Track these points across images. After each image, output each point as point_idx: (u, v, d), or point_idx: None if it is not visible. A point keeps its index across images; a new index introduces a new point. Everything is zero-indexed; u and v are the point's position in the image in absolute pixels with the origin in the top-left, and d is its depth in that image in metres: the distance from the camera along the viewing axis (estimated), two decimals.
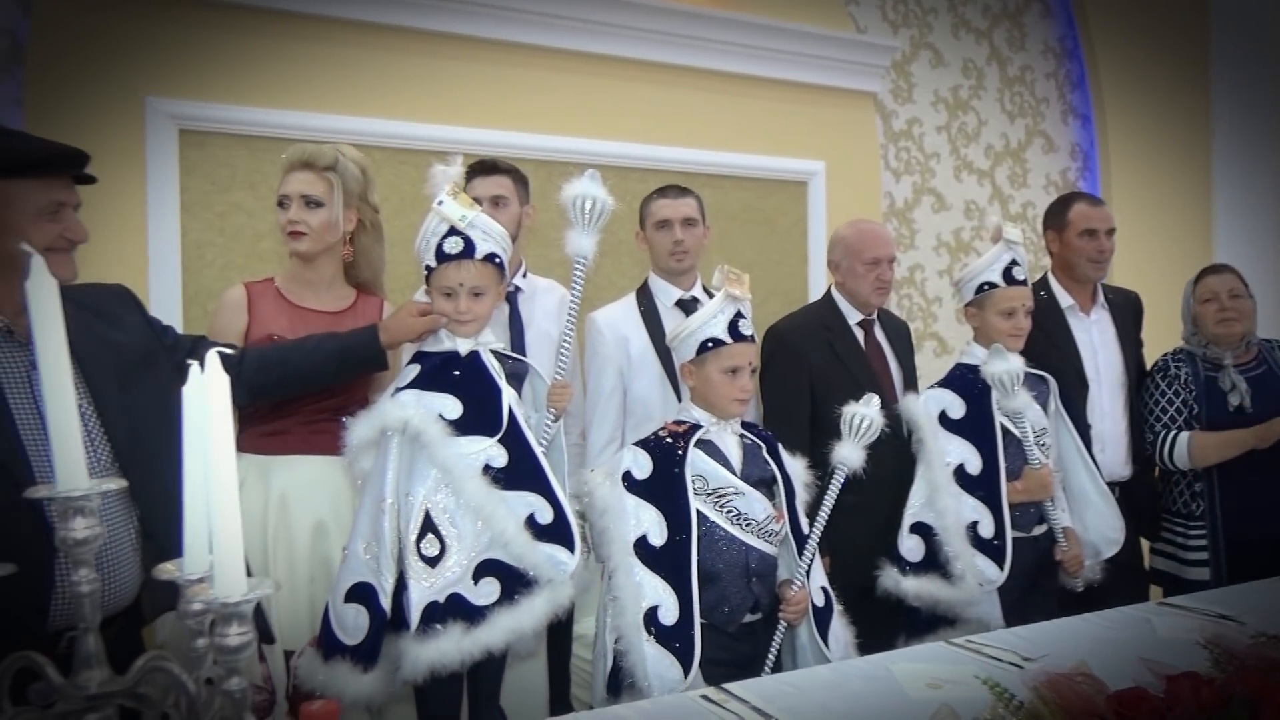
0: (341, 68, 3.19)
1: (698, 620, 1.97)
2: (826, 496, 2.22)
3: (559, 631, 2.42)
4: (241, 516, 2.10)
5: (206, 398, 0.78)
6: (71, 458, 0.75)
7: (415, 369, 2.07)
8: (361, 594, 1.92)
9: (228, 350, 0.84)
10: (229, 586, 0.76)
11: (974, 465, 2.54)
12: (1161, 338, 3.28)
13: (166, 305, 2.91)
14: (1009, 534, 2.46)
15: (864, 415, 2.22)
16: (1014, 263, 2.62)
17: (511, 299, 2.61)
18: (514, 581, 1.95)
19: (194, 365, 0.85)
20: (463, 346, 2.09)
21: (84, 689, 0.74)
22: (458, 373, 2.07)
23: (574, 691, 2.72)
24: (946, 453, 2.54)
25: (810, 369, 2.69)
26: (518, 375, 2.18)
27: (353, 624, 1.91)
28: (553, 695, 2.55)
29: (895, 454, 2.54)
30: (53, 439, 0.77)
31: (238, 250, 3.06)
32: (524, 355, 2.47)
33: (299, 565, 2.23)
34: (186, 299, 2.99)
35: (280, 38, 3.09)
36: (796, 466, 2.24)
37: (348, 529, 2.22)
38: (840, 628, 2.19)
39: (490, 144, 3.23)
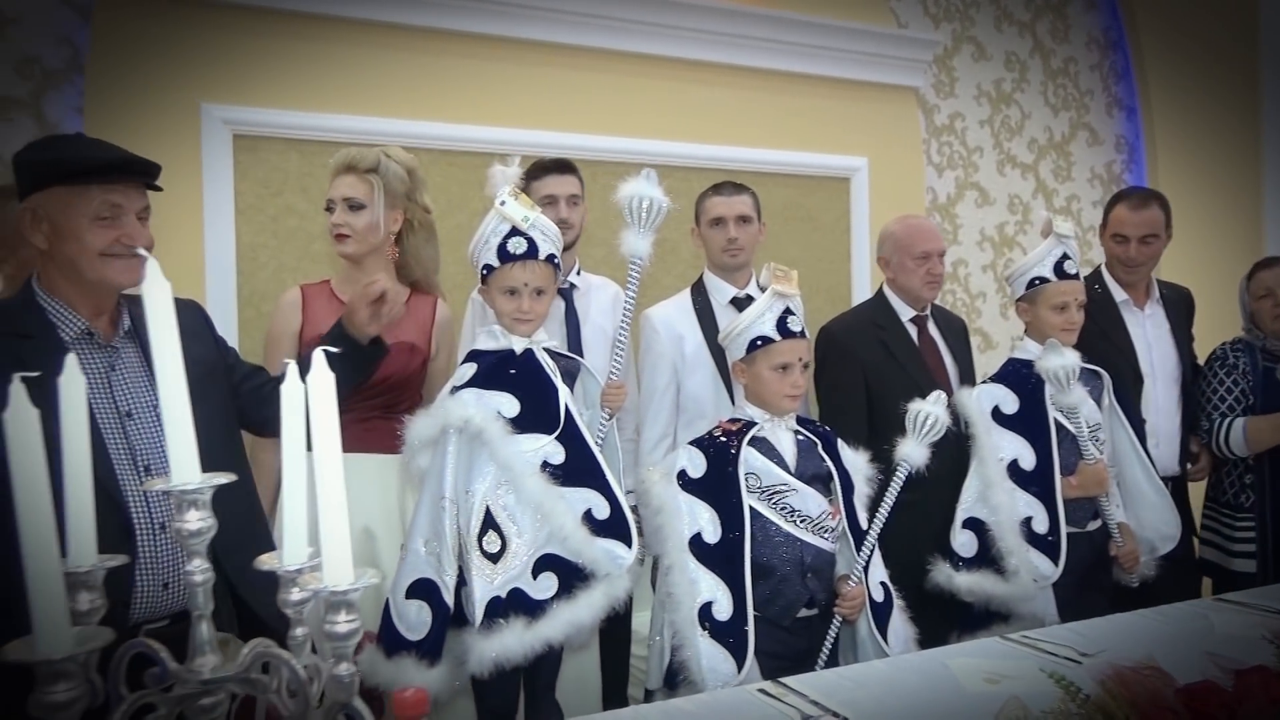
0: (389, 71, 3.24)
1: (751, 616, 1.99)
2: (888, 493, 2.22)
3: (615, 626, 2.43)
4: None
5: (314, 393, 0.81)
6: (185, 453, 0.78)
7: (471, 368, 2.10)
8: (423, 590, 1.94)
9: (334, 349, 0.87)
10: (338, 575, 0.79)
11: (1028, 460, 2.52)
12: (1210, 331, 3.25)
13: (222, 307, 2.97)
14: (1064, 529, 2.45)
15: (929, 413, 2.21)
16: (1065, 256, 2.60)
17: (567, 296, 2.63)
18: (571, 576, 1.98)
19: (291, 363, 0.88)
20: (518, 345, 2.11)
21: (198, 673, 0.78)
22: (514, 371, 2.09)
23: (630, 691, 2.74)
24: (1000, 448, 2.53)
25: (864, 367, 2.69)
26: (570, 373, 2.20)
27: (415, 619, 1.94)
28: (606, 689, 2.57)
29: (949, 450, 2.53)
30: (167, 435, 0.80)
31: (290, 252, 3.12)
32: (580, 351, 2.50)
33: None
34: (242, 300, 3.05)
35: (329, 42, 3.14)
36: (858, 462, 2.24)
37: (395, 530, 2.25)
38: (901, 623, 2.19)
39: (535, 144, 3.26)
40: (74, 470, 0.78)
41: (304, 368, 2.25)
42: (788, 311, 2.15)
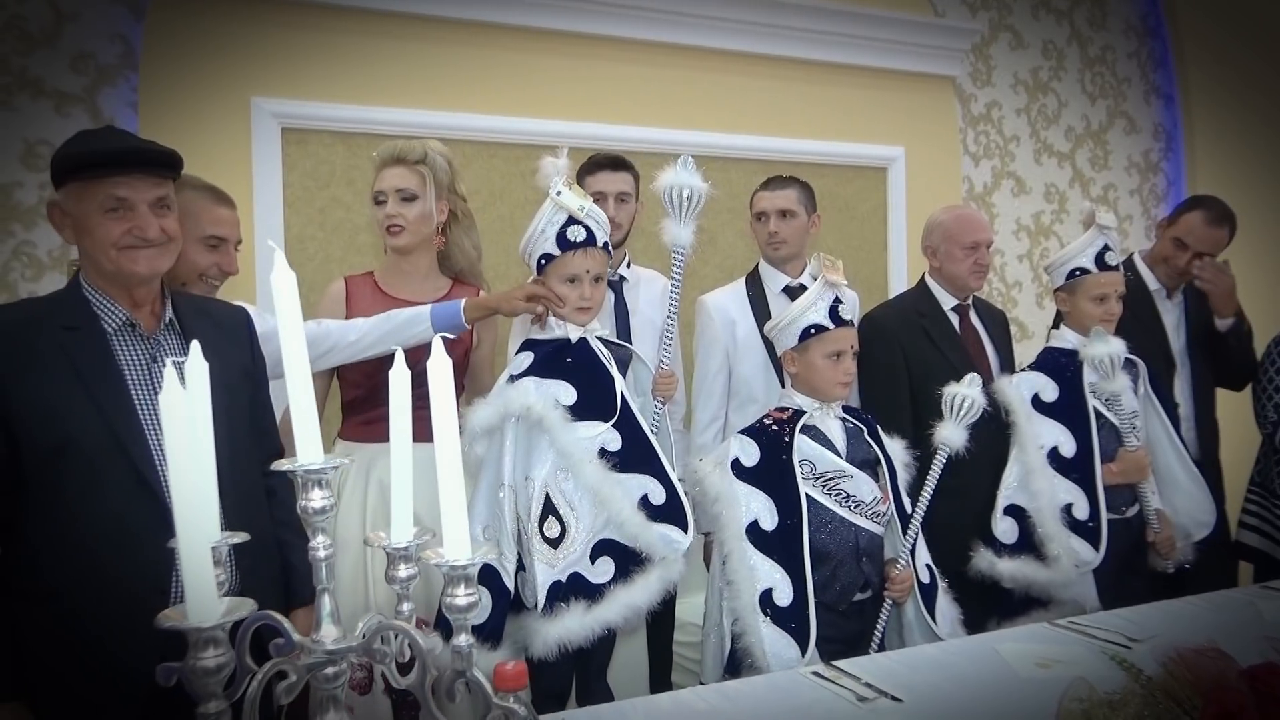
0: (434, 65, 3.28)
1: (812, 601, 2.02)
2: (929, 477, 2.25)
3: (659, 614, 2.47)
4: (346, 506, 2.18)
5: (433, 378, 0.85)
6: (310, 434, 0.83)
7: (528, 356, 2.13)
8: (482, 575, 1.98)
9: (450, 335, 0.91)
10: (457, 550, 0.83)
11: (1068, 448, 2.55)
12: (1252, 320, 3.23)
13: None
14: (1104, 515, 2.47)
15: (965, 396, 2.24)
16: (1107, 248, 2.62)
17: (617, 288, 2.67)
18: (628, 560, 2.02)
19: (399, 350, 0.93)
20: (573, 334, 2.15)
21: (322, 644, 0.82)
22: (570, 360, 2.13)
23: (674, 678, 2.78)
24: (1040, 435, 2.55)
25: (906, 355, 2.71)
26: (622, 361, 2.24)
27: None
28: (653, 674, 2.61)
29: (988, 437, 2.55)
30: (294, 417, 0.84)
31: (337, 243, 3.17)
32: (629, 342, 2.53)
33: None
34: None
35: (375, 37, 3.19)
36: (896, 448, 2.27)
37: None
38: (946, 604, 2.22)
39: (575, 135, 3.30)
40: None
41: None
42: (838, 300, 2.18)
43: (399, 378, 0.90)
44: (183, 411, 0.72)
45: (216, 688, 0.73)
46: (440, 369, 0.86)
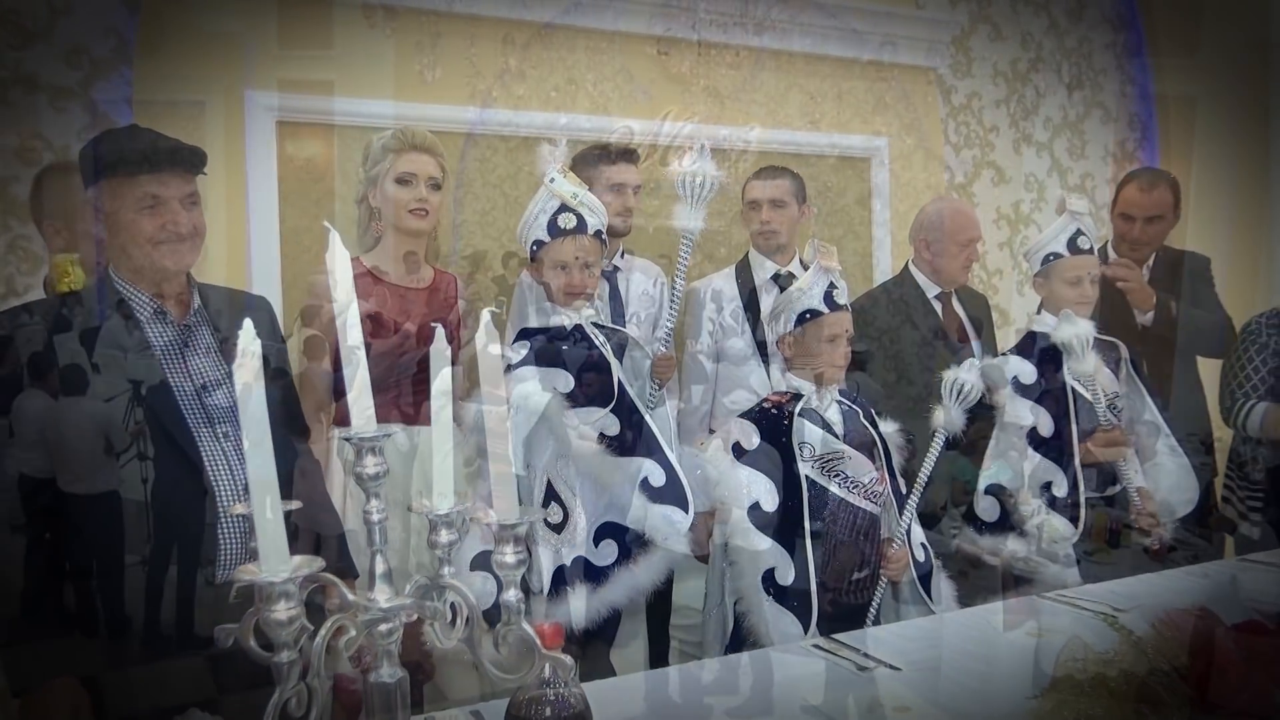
0: (430, 57, 3.30)
1: (814, 579, 2.07)
2: (927, 459, 2.32)
3: (659, 593, 2.51)
4: (348, 491, 2.21)
5: (482, 356, 0.90)
6: (364, 406, 0.88)
7: (525, 346, 2.18)
8: (488, 561, 2.03)
9: (495, 310, 0.96)
10: (507, 512, 0.89)
11: (1046, 428, 2.61)
12: (1227, 306, 3.32)
13: (267, 291, 3.03)
14: (1082, 493, 2.54)
15: (964, 380, 2.31)
16: (1079, 233, 2.69)
17: (610, 278, 2.71)
18: (631, 542, 2.08)
19: (439, 327, 0.98)
20: (569, 321, 2.19)
21: (376, 602, 0.87)
22: (566, 347, 2.17)
23: (670, 660, 2.83)
24: (1020, 416, 2.61)
25: (891, 342, 2.77)
26: (619, 345, 2.28)
27: (480, 589, 2.01)
28: (652, 656, 2.65)
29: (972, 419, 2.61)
30: (349, 391, 0.89)
31: None
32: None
33: (398, 531, 2.30)
34: (286, 284, 3.12)
35: (370, 29, 3.21)
36: (889, 430, 2.33)
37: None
38: (942, 581, 2.29)
39: (568, 127, 3.34)
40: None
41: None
42: (832, 285, 2.24)
43: (439, 356, 0.95)
44: (255, 383, 0.76)
45: (289, 638, 0.78)
46: (489, 352, 0.91)
